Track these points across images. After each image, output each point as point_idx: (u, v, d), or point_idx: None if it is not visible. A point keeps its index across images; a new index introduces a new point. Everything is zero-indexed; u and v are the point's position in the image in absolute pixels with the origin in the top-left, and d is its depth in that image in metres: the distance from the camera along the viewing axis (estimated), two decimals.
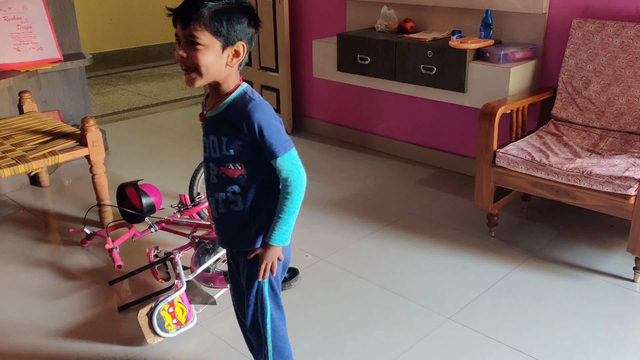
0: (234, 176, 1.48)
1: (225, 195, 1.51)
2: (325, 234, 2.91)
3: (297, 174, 1.47)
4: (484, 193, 2.73)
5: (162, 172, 3.66)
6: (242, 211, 1.51)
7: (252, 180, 1.49)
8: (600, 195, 2.38)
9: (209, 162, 1.52)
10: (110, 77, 6.56)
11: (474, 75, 2.97)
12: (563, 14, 2.98)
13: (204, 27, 1.36)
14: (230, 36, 1.39)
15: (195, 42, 1.37)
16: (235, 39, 1.40)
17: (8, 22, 3.37)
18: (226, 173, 1.48)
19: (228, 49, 1.41)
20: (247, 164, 1.47)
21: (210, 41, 1.37)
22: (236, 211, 1.51)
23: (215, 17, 1.36)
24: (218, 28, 1.37)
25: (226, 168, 1.48)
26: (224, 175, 1.49)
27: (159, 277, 2.40)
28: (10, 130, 3.00)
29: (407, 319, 2.27)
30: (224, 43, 1.39)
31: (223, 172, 1.49)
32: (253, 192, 1.50)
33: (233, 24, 1.39)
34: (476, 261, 2.64)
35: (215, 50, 1.39)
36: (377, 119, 3.99)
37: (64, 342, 2.17)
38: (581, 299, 2.36)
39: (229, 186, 1.49)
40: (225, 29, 1.38)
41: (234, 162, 1.47)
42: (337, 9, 3.93)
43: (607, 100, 2.77)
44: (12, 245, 2.88)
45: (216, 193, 1.53)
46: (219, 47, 1.39)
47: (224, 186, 1.50)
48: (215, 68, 1.40)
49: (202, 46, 1.37)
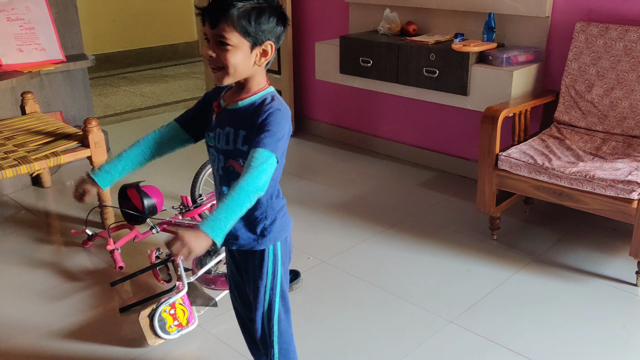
0: (241, 171, 1.48)
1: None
2: (327, 236, 2.91)
3: (258, 177, 1.34)
4: (487, 196, 2.72)
5: (164, 173, 3.66)
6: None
7: None
8: (602, 199, 2.38)
9: (218, 153, 1.51)
10: (113, 78, 6.57)
11: (477, 79, 2.96)
12: (566, 18, 2.98)
13: (232, 28, 1.36)
14: (258, 36, 1.39)
15: (224, 43, 1.37)
16: (264, 38, 1.41)
17: (11, 23, 3.38)
18: (234, 167, 1.48)
19: (256, 48, 1.41)
20: None
21: (239, 41, 1.38)
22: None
23: (244, 17, 1.36)
24: (247, 28, 1.37)
25: (235, 162, 1.47)
26: (231, 169, 1.49)
27: (160, 278, 2.40)
28: (13, 130, 3.00)
29: (409, 322, 2.26)
30: (253, 43, 1.40)
31: (231, 165, 1.48)
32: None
33: (262, 24, 1.39)
34: (478, 264, 2.64)
35: (243, 51, 1.39)
36: (380, 121, 3.98)
37: (65, 343, 2.17)
38: (583, 302, 2.36)
39: (234, 180, 1.49)
40: (254, 29, 1.38)
41: (244, 157, 1.45)
42: (340, 12, 3.93)
43: (610, 103, 2.77)
44: (14, 245, 2.88)
45: (220, 186, 1.53)
46: (248, 47, 1.39)
47: (229, 180, 1.49)
48: (243, 67, 1.41)
49: (231, 46, 1.37)
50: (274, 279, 1.58)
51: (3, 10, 3.36)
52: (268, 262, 1.56)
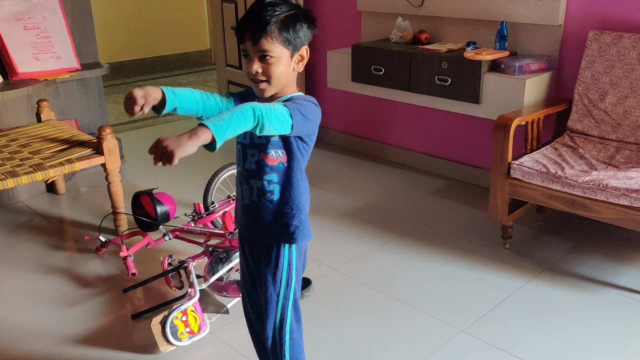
0: (274, 163, 1.50)
1: (262, 184, 1.52)
2: (339, 245, 2.91)
3: (265, 107, 1.32)
4: (499, 205, 2.71)
5: (177, 180, 3.68)
6: (275, 202, 1.53)
7: (290, 170, 1.51)
8: (616, 208, 2.36)
9: (248, 148, 1.52)
10: (127, 86, 6.62)
11: (489, 87, 2.96)
12: (579, 26, 2.97)
13: (274, 40, 1.41)
14: (297, 43, 1.45)
15: (268, 56, 1.42)
16: (301, 44, 1.46)
17: (28, 32, 3.42)
18: (266, 160, 1.50)
19: (295, 55, 1.47)
20: (288, 152, 1.49)
21: (281, 52, 1.43)
22: (270, 200, 1.53)
23: (284, 28, 1.41)
24: (287, 38, 1.42)
25: (267, 154, 1.49)
26: (263, 162, 1.50)
27: (172, 285, 2.41)
28: (28, 138, 3.04)
29: (420, 331, 2.26)
30: (292, 50, 1.45)
31: (263, 158, 1.50)
32: (289, 185, 1.52)
33: (298, 31, 1.44)
34: (490, 273, 2.62)
35: (285, 60, 1.45)
36: (391, 129, 3.98)
37: (78, 349, 2.19)
38: (596, 312, 2.34)
39: (267, 174, 1.51)
40: (293, 37, 1.43)
41: (276, 148, 1.48)
42: (352, 20, 3.94)
43: (624, 112, 2.75)
44: (28, 252, 2.90)
45: (252, 180, 1.53)
46: (288, 55, 1.45)
47: (262, 174, 1.51)
48: (285, 76, 1.46)
49: (275, 58, 1.43)
50: (288, 287, 1.59)
51: (20, 19, 3.41)
52: (283, 269, 1.57)
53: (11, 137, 3.07)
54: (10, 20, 3.36)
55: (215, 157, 1.59)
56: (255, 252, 1.62)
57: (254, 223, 1.58)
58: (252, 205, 1.56)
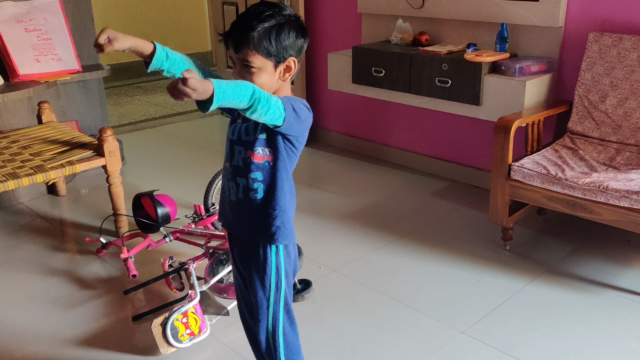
0: (260, 162, 1.49)
1: (247, 182, 1.51)
2: (339, 246, 2.91)
3: (263, 93, 1.32)
4: (499, 206, 2.72)
5: (178, 182, 3.69)
6: (259, 200, 1.52)
7: (276, 170, 1.50)
8: (616, 210, 2.36)
9: (236, 145, 1.53)
10: (128, 87, 6.63)
11: (489, 89, 2.96)
12: (579, 28, 2.97)
13: (255, 51, 1.41)
14: (280, 54, 1.43)
15: (249, 66, 1.42)
16: (286, 55, 1.45)
17: (29, 34, 3.43)
18: (252, 157, 1.50)
19: (280, 65, 1.45)
20: (275, 151, 1.49)
21: (263, 63, 1.42)
22: (254, 199, 1.52)
23: (265, 38, 1.40)
24: (268, 49, 1.41)
25: (254, 152, 1.49)
26: (249, 160, 1.50)
27: (173, 287, 2.41)
28: (29, 139, 3.04)
29: (420, 332, 2.26)
30: (276, 62, 1.44)
31: (250, 155, 1.50)
32: (273, 185, 1.51)
33: (282, 41, 1.42)
34: (490, 275, 2.62)
35: (268, 71, 1.44)
36: (392, 131, 3.99)
37: (79, 350, 2.19)
38: (597, 314, 2.34)
39: (252, 172, 1.50)
40: (275, 48, 1.42)
41: (263, 146, 1.48)
42: (353, 22, 3.95)
43: (624, 114, 2.75)
44: (29, 253, 2.91)
45: (238, 177, 1.54)
46: (272, 67, 1.44)
47: (248, 171, 1.51)
48: (269, 85, 1.46)
49: (256, 69, 1.43)
50: (278, 291, 1.58)
51: (21, 21, 3.42)
52: (271, 274, 1.57)
53: (12, 138, 3.07)
54: (11, 22, 3.37)
55: (214, 159, 1.60)
56: (243, 256, 1.62)
57: (238, 220, 1.58)
58: (237, 202, 1.56)
